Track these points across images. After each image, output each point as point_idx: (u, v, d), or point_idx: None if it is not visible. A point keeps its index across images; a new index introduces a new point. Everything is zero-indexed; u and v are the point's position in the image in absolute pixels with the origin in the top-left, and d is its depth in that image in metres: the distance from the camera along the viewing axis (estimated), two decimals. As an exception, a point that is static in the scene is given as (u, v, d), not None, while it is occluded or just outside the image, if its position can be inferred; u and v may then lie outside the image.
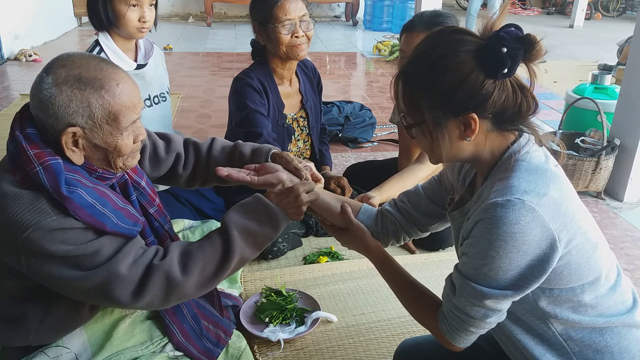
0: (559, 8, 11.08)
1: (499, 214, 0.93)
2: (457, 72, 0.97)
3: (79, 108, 1.12)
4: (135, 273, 1.17)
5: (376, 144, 3.57)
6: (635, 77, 2.78)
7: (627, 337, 1.04)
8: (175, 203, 2.17)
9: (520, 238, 0.93)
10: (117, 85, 1.15)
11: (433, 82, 0.99)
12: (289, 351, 1.68)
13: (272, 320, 1.74)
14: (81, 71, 1.13)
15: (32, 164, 1.10)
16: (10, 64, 5.54)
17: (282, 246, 2.19)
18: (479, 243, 0.98)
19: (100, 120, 1.14)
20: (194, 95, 4.40)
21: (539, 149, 1.04)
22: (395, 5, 8.07)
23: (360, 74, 5.83)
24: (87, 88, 1.12)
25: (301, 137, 2.31)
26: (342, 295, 1.97)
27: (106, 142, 1.17)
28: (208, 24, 8.42)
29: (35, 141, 1.14)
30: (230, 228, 1.26)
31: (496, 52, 0.94)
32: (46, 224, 1.08)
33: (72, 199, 1.10)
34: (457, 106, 0.98)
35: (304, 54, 2.10)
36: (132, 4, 1.90)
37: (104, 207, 1.16)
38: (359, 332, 1.78)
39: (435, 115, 1.00)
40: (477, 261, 0.99)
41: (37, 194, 1.11)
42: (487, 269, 0.97)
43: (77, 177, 1.15)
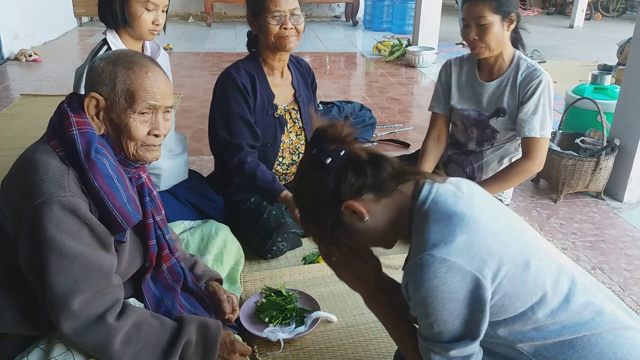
0: (559, 8, 11.09)
1: (418, 274, 0.98)
2: (309, 188, 1.10)
3: (106, 79, 1.26)
4: (85, 312, 1.18)
5: (376, 144, 3.57)
6: (635, 77, 2.78)
7: (599, 342, 1.04)
8: (176, 203, 2.17)
9: (445, 289, 0.97)
10: (145, 72, 1.28)
11: (303, 202, 1.14)
12: (289, 351, 1.68)
13: (272, 320, 1.74)
14: (123, 55, 1.30)
15: (71, 128, 1.22)
16: (10, 64, 5.54)
17: (282, 245, 2.18)
18: (416, 305, 1.03)
19: (119, 93, 1.26)
20: (194, 95, 4.40)
21: (445, 189, 1.08)
22: (395, 5, 8.07)
23: (360, 74, 5.83)
24: (119, 64, 1.27)
25: (293, 130, 2.32)
26: (342, 295, 1.97)
27: (120, 117, 1.27)
28: (208, 24, 8.43)
29: (80, 113, 1.26)
30: (181, 336, 1.30)
31: (311, 154, 1.08)
32: (57, 198, 1.15)
33: (96, 164, 1.20)
34: (332, 206, 1.07)
35: (292, 45, 2.13)
36: (149, 8, 1.95)
37: (119, 183, 1.24)
38: (359, 332, 1.78)
39: (329, 224, 1.10)
40: (424, 321, 1.04)
41: (64, 168, 1.20)
42: (436, 326, 1.02)
43: (105, 152, 1.26)
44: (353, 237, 1.13)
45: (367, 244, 1.17)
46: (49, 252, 1.15)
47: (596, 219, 2.67)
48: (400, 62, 6.13)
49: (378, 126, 3.82)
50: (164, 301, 1.48)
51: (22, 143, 3.38)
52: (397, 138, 3.68)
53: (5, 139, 3.46)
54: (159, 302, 1.48)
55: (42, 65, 5.55)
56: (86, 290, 1.18)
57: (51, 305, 1.17)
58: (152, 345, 1.26)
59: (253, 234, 2.14)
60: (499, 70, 2.26)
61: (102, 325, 1.19)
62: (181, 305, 1.52)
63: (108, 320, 1.20)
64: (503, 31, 2.16)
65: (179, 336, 1.30)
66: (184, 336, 1.30)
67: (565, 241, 2.42)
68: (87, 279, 1.18)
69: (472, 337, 1.02)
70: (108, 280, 1.23)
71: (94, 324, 1.19)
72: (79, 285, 1.17)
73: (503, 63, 2.25)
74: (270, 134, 2.22)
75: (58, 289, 1.16)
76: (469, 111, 2.35)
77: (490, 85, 2.28)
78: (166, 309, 1.47)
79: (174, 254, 1.53)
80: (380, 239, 1.15)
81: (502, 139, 2.33)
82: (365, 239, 1.14)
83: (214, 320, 1.43)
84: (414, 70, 5.83)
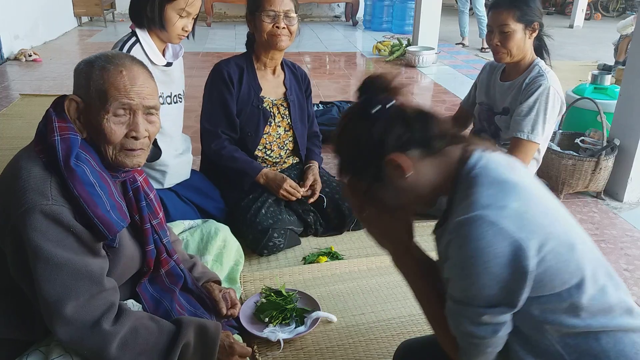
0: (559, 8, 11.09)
1: (465, 232, 0.95)
2: (353, 136, 1.07)
3: (83, 80, 1.24)
4: (80, 317, 1.17)
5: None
6: (635, 77, 2.78)
7: (623, 340, 1.03)
8: (178, 202, 2.18)
9: (491, 252, 0.94)
10: (120, 71, 1.24)
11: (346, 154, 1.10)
12: (289, 351, 1.68)
13: (271, 320, 1.74)
14: (103, 57, 1.26)
15: (53, 134, 1.20)
16: (10, 64, 5.54)
17: (278, 241, 2.18)
18: (456, 264, 0.99)
19: (94, 94, 1.23)
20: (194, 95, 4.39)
21: (497, 157, 1.05)
22: (395, 5, 8.07)
23: (360, 74, 5.83)
24: (95, 65, 1.25)
25: (282, 124, 2.38)
26: (342, 295, 1.97)
27: (96, 119, 1.24)
28: (208, 24, 8.42)
29: (64, 117, 1.24)
30: (179, 339, 1.29)
31: (360, 102, 1.07)
32: (40, 206, 1.13)
33: (75, 172, 1.17)
34: (374, 157, 1.04)
35: (284, 44, 2.22)
36: (183, 15, 1.99)
37: (102, 190, 1.20)
38: (359, 332, 1.78)
39: (368, 176, 1.07)
40: (461, 283, 1.00)
41: (46, 175, 1.18)
42: (474, 289, 0.98)
43: (89, 157, 1.23)
44: (391, 193, 1.08)
45: (404, 201, 1.11)
46: (36, 261, 1.14)
47: (596, 218, 2.67)
48: (400, 62, 6.13)
49: (378, 126, 3.81)
50: (162, 302, 1.48)
51: (22, 143, 3.35)
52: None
53: (5, 139, 3.46)
54: (157, 303, 1.47)
55: (42, 65, 5.55)
56: (78, 296, 1.17)
57: (45, 312, 1.17)
58: (150, 349, 1.25)
59: (249, 229, 2.15)
60: (516, 74, 2.36)
61: (98, 331, 1.18)
62: (180, 306, 1.52)
63: (103, 326, 1.19)
64: (525, 39, 2.25)
65: (177, 339, 1.29)
66: (182, 339, 1.30)
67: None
68: (77, 285, 1.17)
69: (509, 305, 0.98)
70: (100, 284, 1.21)
71: (90, 329, 1.18)
72: (69, 291, 1.16)
73: (520, 68, 2.35)
74: (252, 124, 2.30)
75: (50, 297, 1.15)
76: (483, 105, 2.50)
77: (504, 85, 2.40)
78: (165, 310, 1.47)
79: (173, 257, 1.52)
80: (418, 198, 1.10)
81: (505, 138, 2.40)
82: (404, 196, 1.09)
83: (213, 322, 1.43)
84: (414, 70, 5.83)
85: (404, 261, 1.17)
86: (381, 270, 2.13)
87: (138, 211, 1.39)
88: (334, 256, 2.22)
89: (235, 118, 2.28)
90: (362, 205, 1.15)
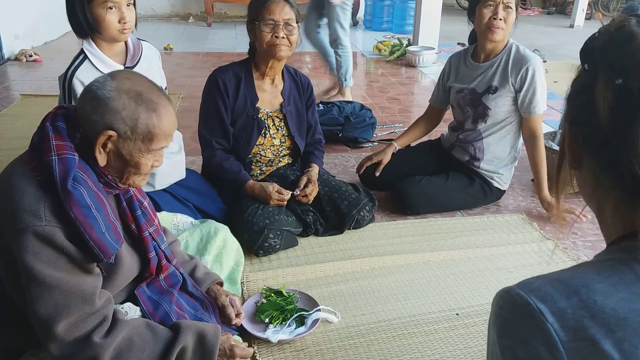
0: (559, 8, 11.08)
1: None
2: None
3: (127, 117, 1.21)
4: (70, 336, 1.18)
5: (376, 144, 3.56)
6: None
7: None
8: (174, 203, 2.17)
9: None
10: (165, 115, 1.27)
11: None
12: (289, 352, 1.68)
13: (272, 321, 1.74)
14: (143, 90, 1.25)
15: (50, 152, 1.17)
16: (11, 64, 5.54)
17: (274, 242, 2.17)
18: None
19: (138, 135, 1.23)
20: (194, 95, 4.40)
21: None
22: (395, 5, 8.06)
23: (360, 74, 5.82)
24: (142, 105, 1.23)
25: (277, 136, 2.38)
26: (343, 295, 1.96)
27: (131, 155, 1.25)
28: (208, 24, 8.42)
29: (62, 134, 1.21)
30: (176, 344, 1.31)
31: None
32: (33, 228, 1.12)
33: (73, 194, 1.15)
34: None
35: (283, 54, 2.21)
36: (109, 6, 1.88)
37: (98, 212, 1.19)
38: (359, 332, 1.77)
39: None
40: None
41: (40, 195, 1.16)
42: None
43: (85, 177, 1.20)
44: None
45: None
46: (29, 282, 1.14)
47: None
48: (401, 62, 6.12)
49: (378, 126, 3.82)
50: (161, 304, 1.48)
51: (22, 143, 3.37)
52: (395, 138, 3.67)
53: (6, 139, 3.46)
54: (156, 305, 1.47)
55: (43, 66, 5.55)
56: (69, 315, 1.17)
57: (38, 329, 1.18)
58: (145, 358, 1.26)
59: (245, 229, 2.15)
60: (493, 54, 2.54)
61: (89, 345, 1.19)
62: (180, 307, 1.52)
63: (94, 340, 1.20)
64: (515, 16, 2.42)
65: (172, 345, 1.30)
66: (178, 345, 1.31)
67: (566, 241, 2.42)
68: (69, 305, 1.17)
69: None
70: (92, 303, 1.21)
71: (80, 344, 1.19)
72: (61, 311, 1.16)
73: (499, 46, 2.53)
74: (245, 134, 2.31)
75: (42, 316, 1.16)
76: (464, 91, 2.61)
77: (482, 66, 2.56)
78: (164, 312, 1.47)
79: (172, 262, 1.52)
80: (588, 197, 0.79)
81: (496, 118, 2.55)
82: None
83: (212, 325, 1.43)
84: (414, 70, 5.82)
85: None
86: (382, 270, 2.13)
87: (134, 220, 1.39)
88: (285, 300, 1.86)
89: (228, 127, 2.28)
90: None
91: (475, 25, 2.52)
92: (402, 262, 2.19)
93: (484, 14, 2.42)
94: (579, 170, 0.75)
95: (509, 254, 2.26)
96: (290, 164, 2.49)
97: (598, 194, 0.73)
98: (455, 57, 2.75)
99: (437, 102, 2.83)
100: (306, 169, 2.40)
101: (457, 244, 2.35)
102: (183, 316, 1.49)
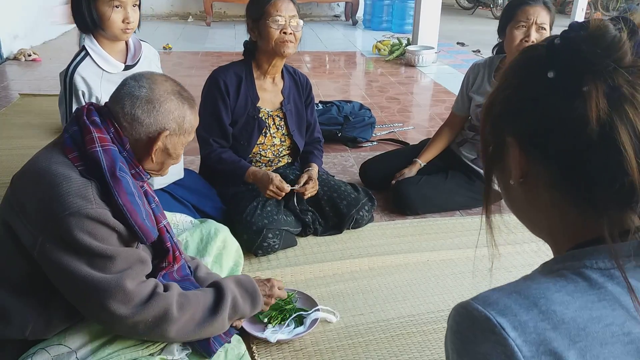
0: (559, 7, 11.09)
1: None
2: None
3: (178, 117, 1.35)
4: (140, 291, 1.28)
5: (375, 144, 3.56)
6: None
7: None
8: (173, 202, 2.17)
9: None
10: (196, 110, 1.43)
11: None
12: (288, 352, 1.68)
13: (270, 321, 1.74)
14: (180, 89, 1.39)
15: (94, 144, 1.25)
16: (10, 64, 5.53)
17: (273, 242, 2.17)
18: None
19: (185, 130, 1.38)
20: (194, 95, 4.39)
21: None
22: (394, 4, 8.07)
23: (359, 74, 5.82)
24: (186, 103, 1.38)
25: (277, 135, 2.38)
26: (342, 295, 1.96)
27: (176, 148, 1.38)
28: (207, 24, 8.41)
29: (101, 127, 1.29)
30: (226, 293, 1.46)
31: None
32: (85, 210, 1.19)
33: (121, 182, 1.24)
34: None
35: (290, 51, 2.20)
36: (115, 5, 1.90)
37: (139, 199, 1.30)
38: (358, 332, 1.77)
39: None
40: None
41: (86, 181, 1.23)
42: None
43: (126, 169, 1.30)
44: (499, 181, 0.79)
45: (508, 200, 0.81)
46: (88, 257, 1.22)
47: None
48: (400, 62, 6.12)
49: (377, 125, 3.82)
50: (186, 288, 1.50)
51: (22, 143, 3.38)
52: (397, 137, 3.67)
53: (5, 138, 3.45)
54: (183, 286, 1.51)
55: (42, 65, 5.54)
56: (134, 276, 1.28)
57: (100, 299, 1.23)
58: (201, 308, 1.40)
59: (244, 229, 2.14)
60: None
61: (158, 298, 1.30)
62: None
63: (160, 293, 1.32)
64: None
65: (222, 296, 1.45)
66: (229, 294, 1.46)
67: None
68: (132, 267, 1.28)
69: None
70: (148, 265, 1.36)
71: (150, 299, 1.29)
72: (127, 274, 1.26)
73: None
74: (246, 134, 2.30)
75: (107, 282, 1.23)
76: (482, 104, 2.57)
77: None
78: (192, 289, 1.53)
79: (182, 254, 1.57)
80: (528, 219, 0.80)
81: None
82: (508, 197, 0.80)
83: (242, 275, 1.62)
84: (414, 69, 5.82)
85: None
86: (381, 270, 2.12)
87: (151, 211, 1.44)
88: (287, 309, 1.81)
89: (227, 128, 2.28)
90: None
91: (505, 44, 2.41)
92: (401, 262, 2.19)
93: (515, 36, 2.31)
94: (522, 185, 0.72)
95: (508, 254, 2.26)
96: (289, 164, 2.49)
97: (544, 206, 0.71)
98: (478, 68, 2.64)
99: (460, 110, 2.73)
100: (306, 167, 2.40)
101: (456, 244, 2.35)
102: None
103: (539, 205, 0.72)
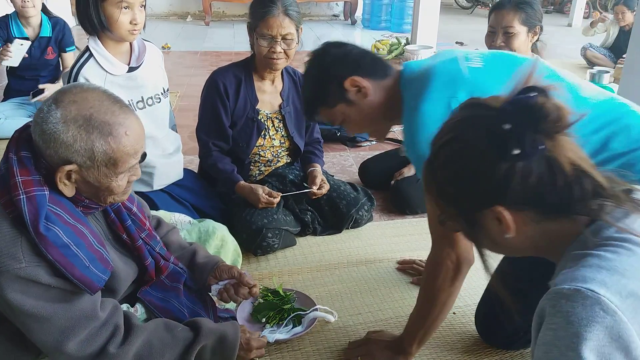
0: (558, 7, 11.09)
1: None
2: (467, 165, 0.85)
3: (81, 149, 1.11)
4: (83, 353, 1.17)
5: (374, 143, 3.57)
6: (633, 76, 2.78)
7: None
8: (172, 202, 2.17)
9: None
10: (125, 134, 1.15)
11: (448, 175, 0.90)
12: (286, 352, 1.68)
13: (269, 321, 1.74)
14: (92, 112, 1.12)
15: (17, 191, 1.09)
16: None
17: (272, 242, 2.16)
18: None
19: (99, 162, 1.14)
20: (192, 95, 4.40)
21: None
22: (393, 4, 8.07)
23: (358, 73, 5.82)
24: (94, 131, 1.12)
25: (276, 137, 2.37)
26: (340, 295, 1.96)
27: (99, 181, 1.17)
28: (206, 23, 8.41)
29: (28, 166, 1.13)
30: (195, 346, 1.32)
31: (501, 129, 0.80)
32: (14, 270, 1.08)
33: (47, 237, 1.09)
34: (480, 202, 0.86)
35: (279, 67, 2.21)
36: (124, 6, 1.88)
37: (78, 247, 1.14)
38: (356, 332, 1.77)
39: (462, 210, 0.90)
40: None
41: (17, 233, 1.10)
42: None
43: (59, 211, 1.14)
44: (480, 240, 0.93)
45: (495, 250, 0.95)
46: (24, 317, 1.12)
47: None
48: (399, 61, 6.12)
49: (376, 125, 3.81)
50: (169, 301, 1.48)
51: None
52: (396, 137, 3.68)
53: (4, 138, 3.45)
54: (166, 303, 1.47)
55: (40, 65, 5.52)
56: (77, 334, 1.16)
57: (49, 355, 1.17)
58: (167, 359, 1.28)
59: (243, 228, 2.14)
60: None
61: (106, 358, 1.19)
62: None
63: (110, 351, 1.20)
64: (527, 42, 2.28)
65: (191, 347, 1.32)
66: (197, 345, 1.32)
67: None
68: (74, 326, 1.16)
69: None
70: (96, 318, 1.20)
71: (97, 358, 1.19)
72: (68, 333, 1.15)
73: None
74: (245, 136, 2.29)
75: (49, 343, 1.15)
76: None
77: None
78: (175, 307, 1.47)
79: (170, 260, 1.51)
80: (516, 252, 0.95)
81: None
82: (494, 248, 0.94)
83: (231, 325, 1.43)
84: (413, 69, 5.82)
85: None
86: (380, 270, 2.12)
87: (125, 230, 1.37)
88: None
89: (227, 130, 2.27)
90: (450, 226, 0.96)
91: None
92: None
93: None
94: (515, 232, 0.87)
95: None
96: (289, 164, 2.49)
97: (531, 235, 0.88)
98: None
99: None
100: (309, 168, 2.40)
101: (454, 244, 2.34)
102: (182, 311, 1.49)
103: (529, 238, 0.88)
